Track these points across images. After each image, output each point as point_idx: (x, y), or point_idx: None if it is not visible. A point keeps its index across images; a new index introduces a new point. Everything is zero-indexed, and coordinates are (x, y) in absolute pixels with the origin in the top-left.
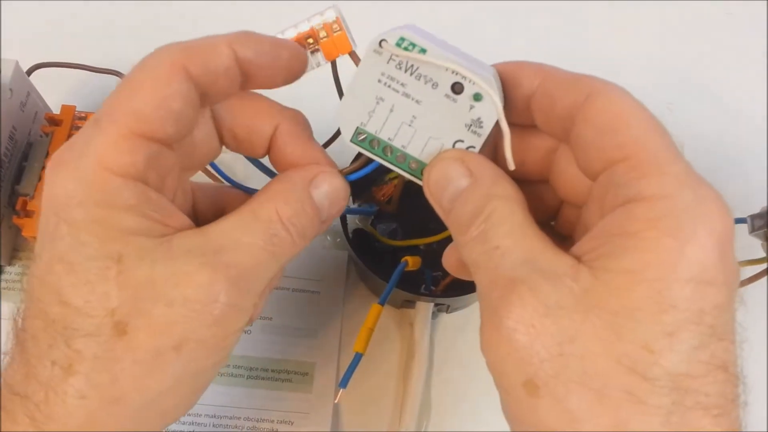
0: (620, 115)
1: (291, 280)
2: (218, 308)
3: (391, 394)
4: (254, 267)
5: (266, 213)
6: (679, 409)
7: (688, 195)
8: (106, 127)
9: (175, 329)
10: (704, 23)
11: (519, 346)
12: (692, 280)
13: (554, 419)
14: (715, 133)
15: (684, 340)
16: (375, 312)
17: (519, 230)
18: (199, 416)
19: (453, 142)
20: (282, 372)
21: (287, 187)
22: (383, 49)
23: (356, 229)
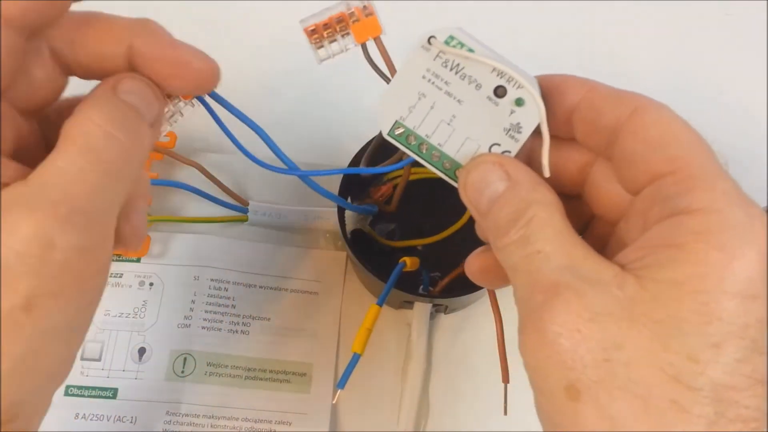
0: (668, 130)
1: (289, 280)
2: (58, 254)
3: (389, 394)
4: (90, 194)
5: (79, 128)
6: (720, 420)
7: (738, 212)
8: None
9: (18, 287)
10: (704, 23)
11: (562, 350)
12: (739, 294)
13: (596, 425)
14: (715, 133)
15: (728, 353)
16: (373, 312)
17: (560, 236)
18: (197, 417)
19: (489, 145)
20: (280, 372)
21: (95, 98)
22: (432, 46)
23: (354, 230)
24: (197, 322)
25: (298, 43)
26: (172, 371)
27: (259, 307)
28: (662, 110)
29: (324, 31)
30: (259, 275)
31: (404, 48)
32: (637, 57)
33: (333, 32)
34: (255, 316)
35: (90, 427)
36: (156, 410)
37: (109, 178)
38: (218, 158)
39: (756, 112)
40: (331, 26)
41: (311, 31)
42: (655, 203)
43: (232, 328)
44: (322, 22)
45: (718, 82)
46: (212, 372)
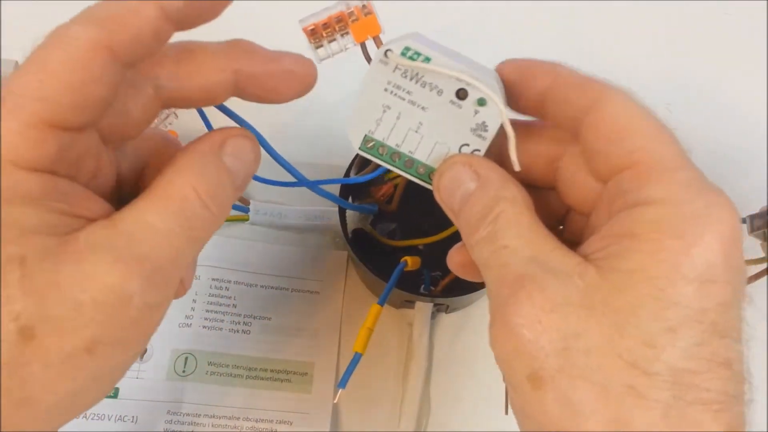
0: (627, 124)
1: (290, 279)
2: (132, 309)
3: (391, 394)
4: (172, 257)
5: (179, 191)
6: (678, 403)
7: (696, 200)
8: (13, 111)
9: (86, 333)
10: (704, 23)
11: (525, 341)
12: (696, 279)
13: (558, 412)
14: (715, 133)
15: (685, 337)
16: (374, 312)
17: (527, 230)
18: (198, 416)
19: (459, 146)
20: (281, 372)
21: (198, 158)
22: (388, 59)
23: (356, 229)
24: (198, 322)
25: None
26: (173, 371)
27: (260, 306)
28: (622, 100)
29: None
30: (260, 275)
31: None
32: (637, 56)
33: (332, 32)
34: (256, 316)
35: (91, 427)
36: (157, 410)
37: (192, 244)
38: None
39: (756, 111)
40: (330, 26)
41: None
42: (618, 195)
43: (233, 327)
44: (322, 22)
45: (718, 82)
46: (213, 371)
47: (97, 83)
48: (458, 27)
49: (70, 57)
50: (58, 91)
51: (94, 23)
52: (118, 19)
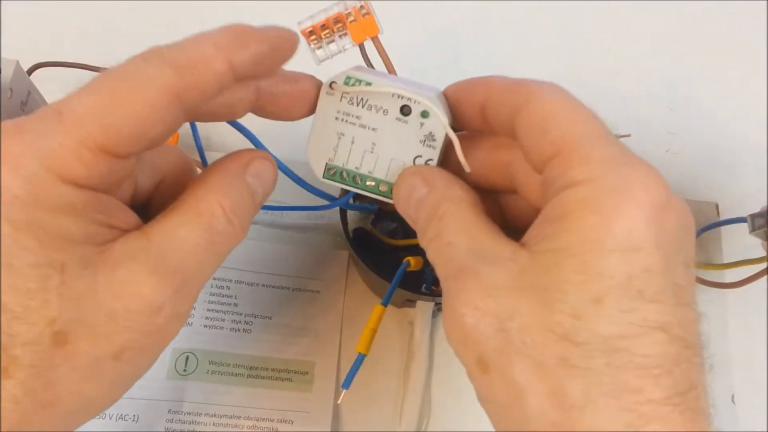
0: (550, 115)
1: (291, 279)
2: (161, 319)
3: (392, 393)
4: (198, 270)
5: (208, 207)
6: (611, 369)
7: (614, 175)
8: (71, 129)
9: (117, 339)
10: (704, 23)
11: (468, 328)
12: (618, 248)
13: (504, 392)
14: (715, 132)
15: (611, 305)
16: (378, 312)
17: (467, 226)
18: (199, 415)
19: (413, 158)
20: (282, 371)
21: (225, 177)
22: (334, 90)
23: (356, 229)
24: (199, 321)
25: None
26: (174, 370)
27: (261, 305)
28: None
29: (321, 32)
30: (260, 274)
31: (403, 46)
32: (637, 56)
33: (330, 33)
34: (257, 315)
35: (91, 426)
36: (158, 409)
37: (216, 258)
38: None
39: (756, 111)
40: (328, 27)
41: (309, 32)
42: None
43: (234, 326)
44: (319, 24)
45: (718, 82)
46: (214, 370)
47: (158, 123)
48: (457, 27)
49: (142, 95)
50: (122, 122)
51: (170, 67)
52: (192, 69)
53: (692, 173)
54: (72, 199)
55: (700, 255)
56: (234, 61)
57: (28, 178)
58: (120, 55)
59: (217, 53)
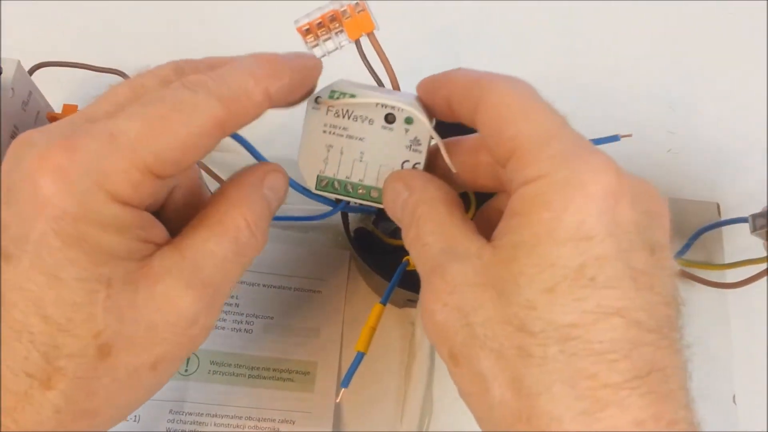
0: (502, 115)
1: (293, 279)
2: (196, 330)
3: (393, 393)
4: (226, 281)
5: (233, 221)
6: (566, 357)
7: (563, 170)
8: (124, 152)
9: (155, 350)
10: (704, 23)
11: (439, 324)
12: (570, 239)
13: (472, 383)
14: (715, 132)
15: (564, 294)
16: (377, 311)
17: (441, 225)
18: (201, 415)
19: (401, 163)
20: (284, 371)
21: (245, 191)
22: (319, 105)
23: (358, 228)
24: None
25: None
26: None
27: (263, 305)
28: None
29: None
30: (262, 274)
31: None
32: (638, 56)
33: (327, 30)
34: (258, 315)
35: None
36: (159, 409)
37: (241, 268)
38: (221, 157)
39: (756, 111)
40: (324, 24)
41: (305, 30)
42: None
43: (236, 326)
44: (315, 21)
45: (718, 82)
46: (216, 371)
47: (201, 149)
48: (457, 26)
49: (190, 124)
50: (170, 148)
51: (216, 99)
52: (235, 100)
53: (693, 173)
54: (119, 216)
55: (701, 255)
56: (271, 91)
57: (80, 195)
58: (121, 54)
59: (257, 85)
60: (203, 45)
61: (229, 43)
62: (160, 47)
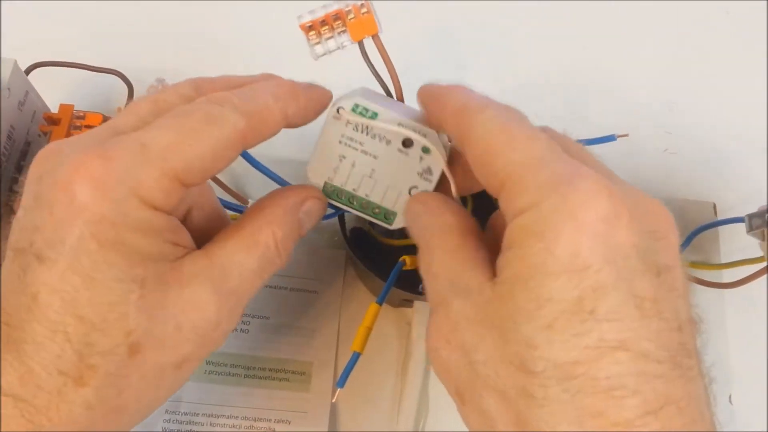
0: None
1: (289, 279)
2: (219, 334)
3: (389, 393)
4: (248, 292)
5: (264, 238)
6: (568, 395)
7: (552, 199)
8: (155, 162)
9: (180, 350)
10: (704, 23)
11: (443, 361)
12: (564, 271)
13: (479, 421)
14: (712, 132)
15: (562, 330)
16: (373, 311)
17: (449, 255)
18: (197, 415)
19: (408, 188)
20: (280, 371)
21: (281, 211)
22: (340, 115)
23: (354, 228)
24: None
25: (295, 42)
26: None
27: (259, 305)
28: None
29: (321, 28)
30: None
31: (404, 46)
32: (637, 56)
33: (330, 29)
34: (254, 315)
35: None
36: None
37: (262, 282)
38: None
39: (756, 111)
40: (327, 23)
41: (308, 27)
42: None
43: None
44: (319, 19)
45: (718, 82)
46: (211, 371)
47: (225, 160)
48: (458, 26)
49: (217, 136)
50: (199, 158)
51: (242, 115)
52: (257, 116)
53: (690, 173)
54: (152, 221)
55: (698, 255)
56: (288, 112)
57: (117, 202)
58: (118, 54)
59: (276, 104)
60: (203, 45)
61: (229, 43)
62: (158, 47)
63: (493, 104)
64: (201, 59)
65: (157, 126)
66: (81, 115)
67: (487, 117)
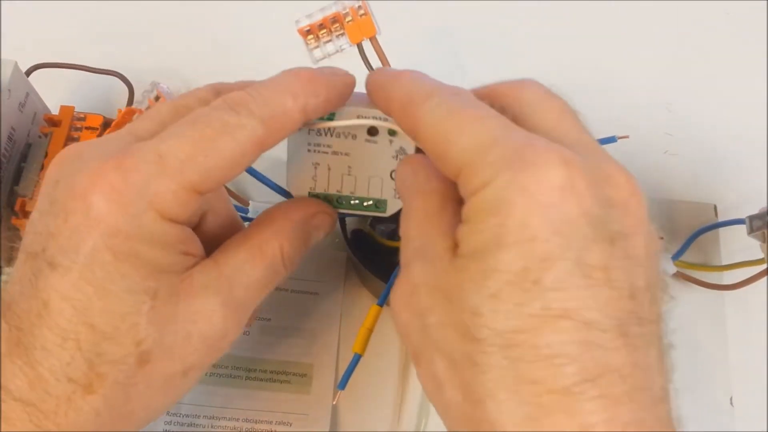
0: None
1: (290, 281)
2: (225, 343)
3: (390, 394)
4: (255, 301)
5: (272, 250)
6: (508, 362)
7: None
8: (173, 174)
9: (188, 359)
10: (704, 23)
11: (403, 324)
12: (514, 243)
13: (430, 384)
14: (713, 134)
15: (507, 299)
16: (374, 313)
17: (425, 220)
18: (198, 417)
19: (389, 173)
20: (280, 373)
21: (290, 224)
22: None
23: (355, 230)
24: None
25: (294, 45)
26: None
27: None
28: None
29: (319, 32)
30: None
31: (403, 46)
32: (636, 57)
33: (328, 33)
34: (255, 317)
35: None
36: None
37: (267, 293)
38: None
39: (756, 112)
40: (325, 26)
41: (306, 31)
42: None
43: None
44: (317, 23)
45: (718, 82)
46: (212, 372)
47: (241, 168)
48: (457, 27)
49: (235, 146)
50: (216, 168)
51: (259, 121)
52: (276, 121)
53: (690, 174)
54: (167, 233)
55: (699, 256)
56: (308, 109)
57: (134, 215)
58: (118, 55)
59: (295, 104)
60: (203, 46)
61: (229, 43)
62: (158, 48)
63: (437, 90)
64: (201, 61)
65: (174, 134)
66: (81, 117)
67: (433, 105)
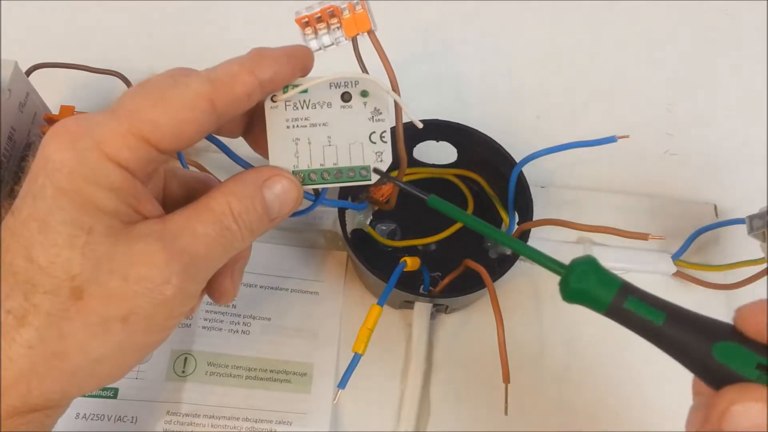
0: None
1: (290, 280)
2: (169, 289)
3: (390, 394)
4: (205, 256)
5: (219, 206)
6: None
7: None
8: (121, 119)
9: (126, 302)
10: (704, 23)
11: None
12: None
13: None
14: (713, 134)
15: None
16: (374, 312)
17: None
18: (198, 417)
19: (368, 135)
20: (281, 372)
21: (241, 185)
22: (275, 102)
23: (355, 230)
24: (198, 322)
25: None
26: (173, 371)
27: (260, 307)
28: None
29: (316, 24)
30: (259, 275)
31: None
32: (637, 57)
33: (325, 25)
34: (255, 316)
35: (90, 427)
36: (156, 410)
37: (223, 250)
38: (219, 158)
39: (755, 112)
40: (323, 19)
41: (304, 22)
42: None
43: (233, 328)
44: (315, 15)
45: (718, 82)
46: (213, 372)
47: (193, 124)
48: (455, 26)
49: (183, 99)
50: (165, 119)
51: (205, 81)
52: (223, 81)
53: (690, 174)
54: (112, 176)
55: (699, 256)
56: (257, 73)
57: (79, 151)
58: (118, 55)
59: (242, 68)
60: (202, 45)
61: (228, 43)
62: (158, 48)
63: None
64: (201, 61)
65: (127, 94)
66: None
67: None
